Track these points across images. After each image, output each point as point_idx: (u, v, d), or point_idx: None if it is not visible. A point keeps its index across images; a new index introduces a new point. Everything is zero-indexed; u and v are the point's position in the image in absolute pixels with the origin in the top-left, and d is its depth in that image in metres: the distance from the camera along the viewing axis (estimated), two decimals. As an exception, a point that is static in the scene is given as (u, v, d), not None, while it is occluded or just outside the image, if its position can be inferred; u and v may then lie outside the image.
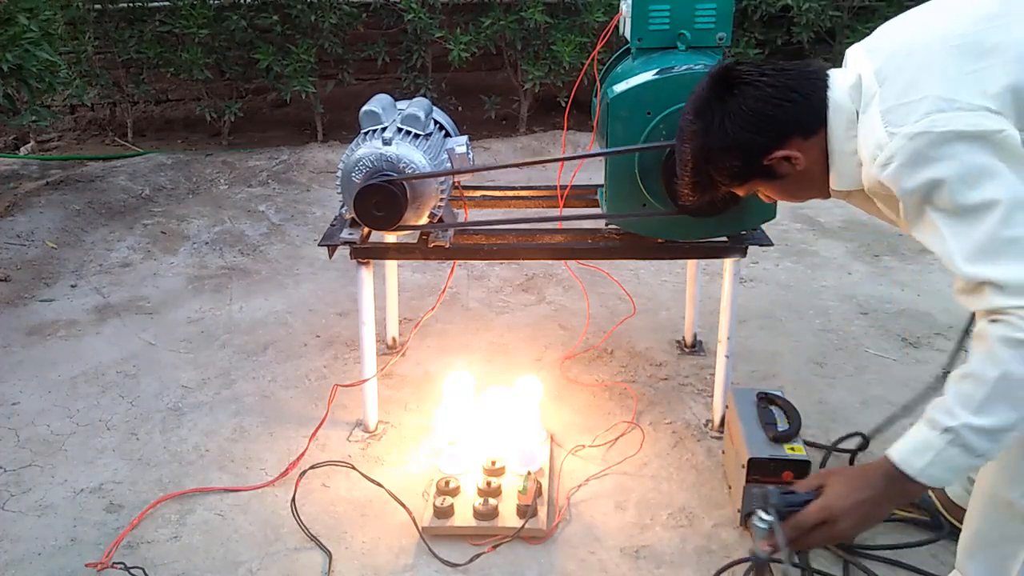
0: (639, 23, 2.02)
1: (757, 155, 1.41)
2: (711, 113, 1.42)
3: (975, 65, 1.22)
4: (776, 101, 1.37)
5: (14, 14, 3.12)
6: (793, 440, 1.82)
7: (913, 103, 1.23)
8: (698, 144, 1.46)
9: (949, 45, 1.26)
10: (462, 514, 1.89)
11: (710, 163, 1.48)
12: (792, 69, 1.39)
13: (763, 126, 1.39)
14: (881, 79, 1.30)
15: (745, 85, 1.39)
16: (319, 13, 4.22)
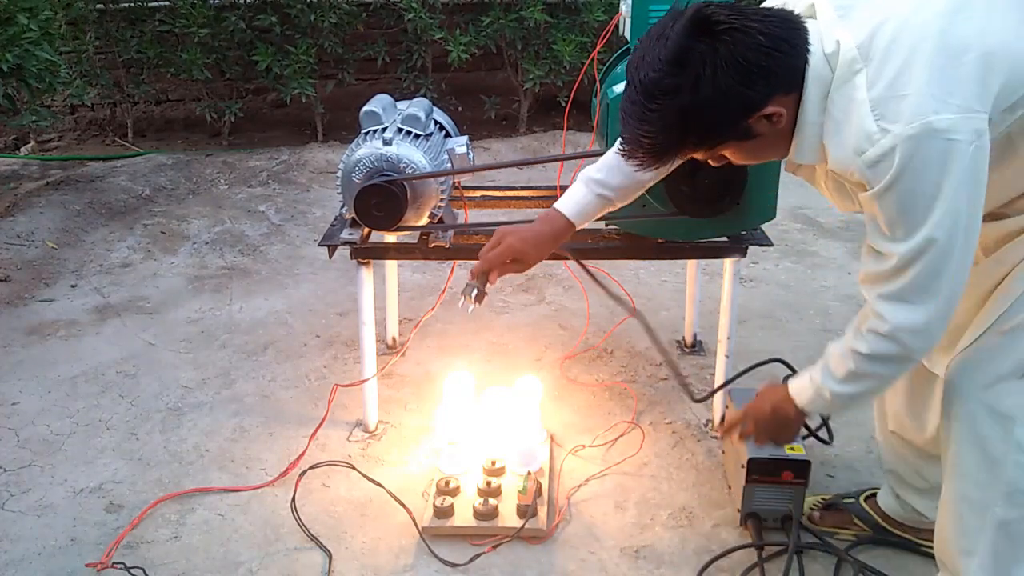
0: (639, 23, 2.02)
1: (747, 112, 1.23)
2: (696, 63, 1.18)
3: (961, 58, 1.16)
4: (767, 50, 1.19)
5: (14, 14, 3.12)
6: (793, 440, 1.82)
7: (906, 99, 1.15)
8: (681, 101, 1.20)
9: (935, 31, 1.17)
10: (462, 514, 1.89)
11: (689, 122, 1.23)
12: (775, 16, 1.22)
13: (757, 79, 1.20)
14: (865, 55, 1.18)
15: (734, 31, 1.18)
16: (318, 13, 4.22)
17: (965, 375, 1.38)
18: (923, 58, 1.15)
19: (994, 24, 1.18)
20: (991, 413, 1.33)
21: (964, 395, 1.37)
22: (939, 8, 1.19)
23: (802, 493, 1.81)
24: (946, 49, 1.16)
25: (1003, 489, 1.35)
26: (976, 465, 1.38)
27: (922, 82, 1.14)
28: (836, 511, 1.87)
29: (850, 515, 1.85)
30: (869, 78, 1.18)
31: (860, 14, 1.22)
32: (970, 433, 1.38)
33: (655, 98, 1.22)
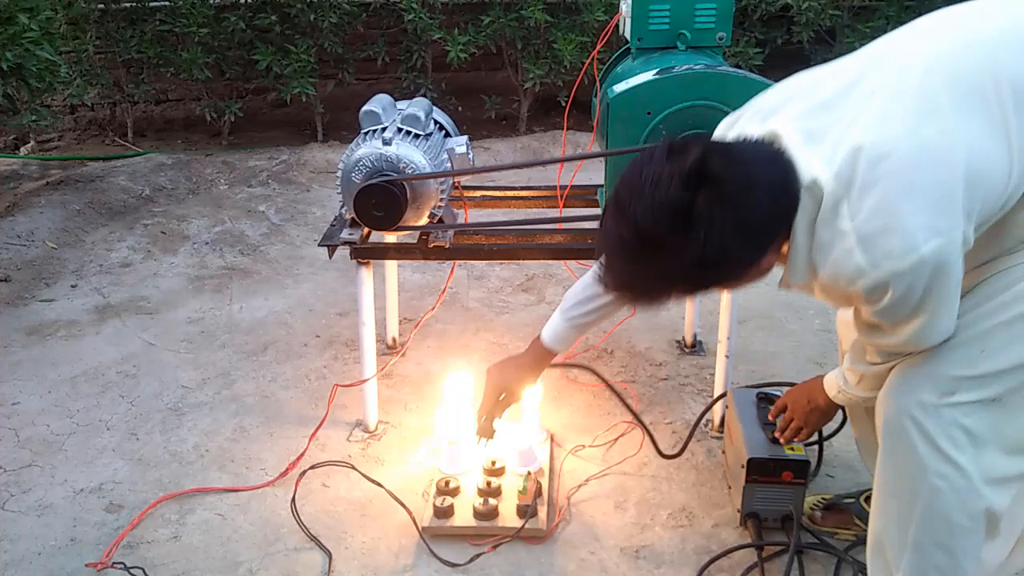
0: (639, 23, 2.03)
1: (752, 264, 1.21)
2: (703, 224, 1.11)
3: (940, 178, 1.16)
4: (771, 205, 1.17)
5: (14, 13, 3.12)
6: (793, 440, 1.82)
7: (893, 232, 1.14)
8: (684, 261, 1.15)
9: (910, 153, 1.16)
10: (462, 514, 1.89)
11: (690, 278, 1.20)
12: (770, 160, 1.19)
13: (764, 235, 1.18)
14: (844, 184, 1.17)
15: (738, 190, 1.13)
16: (318, 13, 4.22)
17: (894, 391, 1.37)
18: (903, 186, 1.15)
19: (965, 134, 1.17)
20: (917, 430, 1.32)
21: (890, 410, 1.36)
22: (908, 124, 1.17)
23: (802, 493, 1.81)
24: (924, 172, 1.15)
25: (920, 511, 1.35)
26: (898, 482, 1.38)
27: (906, 213, 1.14)
28: (836, 511, 1.87)
29: (850, 515, 1.85)
30: (851, 208, 1.16)
31: (829, 138, 1.20)
32: (895, 450, 1.37)
33: (655, 251, 1.16)
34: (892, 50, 1.30)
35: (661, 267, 1.18)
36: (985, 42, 1.24)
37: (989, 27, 1.27)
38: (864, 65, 1.28)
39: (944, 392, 1.30)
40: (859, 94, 1.23)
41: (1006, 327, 1.28)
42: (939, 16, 1.33)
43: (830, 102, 1.24)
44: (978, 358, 1.29)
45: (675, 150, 1.16)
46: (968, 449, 1.30)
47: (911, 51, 1.27)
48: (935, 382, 1.31)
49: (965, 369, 1.29)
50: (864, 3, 4.52)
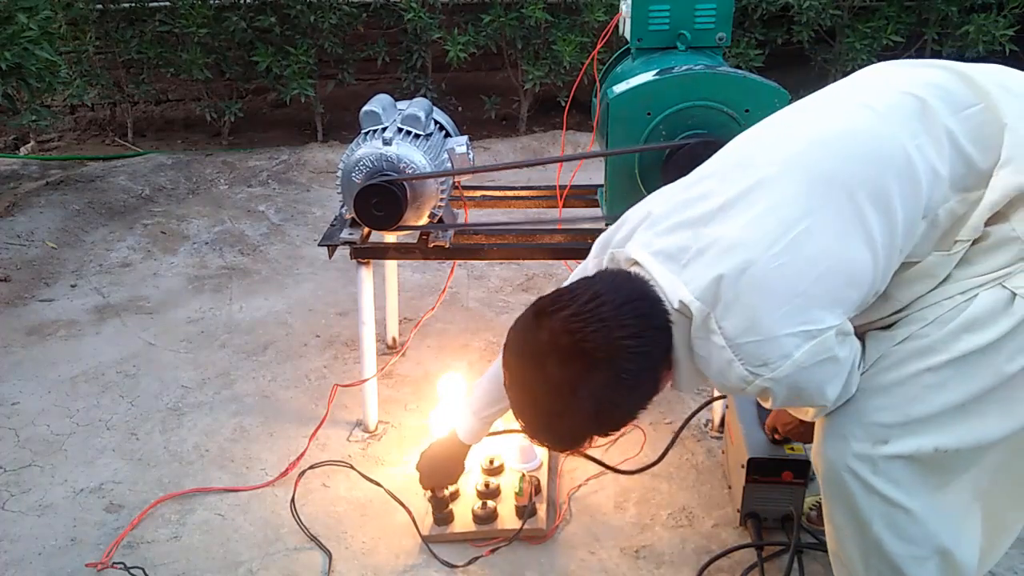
0: (639, 23, 2.03)
1: (647, 400, 1.27)
2: (583, 398, 1.20)
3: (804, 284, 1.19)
4: (645, 352, 1.21)
5: (14, 13, 3.12)
6: (793, 440, 1.82)
7: (765, 343, 1.18)
8: (587, 427, 1.26)
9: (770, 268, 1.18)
10: (462, 519, 1.89)
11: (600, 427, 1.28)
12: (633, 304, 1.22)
13: (646, 379, 1.25)
14: (710, 301, 1.20)
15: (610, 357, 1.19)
16: (318, 13, 4.22)
17: (826, 437, 1.35)
18: (765, 298, 1.18)
19: (823, 235, 1.19)
20: (855, 479, 1.31)
21: (827, 458, 1.35)
22: (764, 234, 1.19)
23: (802, 493, 1.81)
24: (783, 281, 1.18)
25: (874, 550, 1.34)
26: (849, 526, 1.37)
27: (773, 324, 1.18)
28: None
29: None
30: (720, 324, 1.20)
31: (688, 256, 1.24)
32: (838, 499, 1.36)
33: (557, 430, 1.28)
34: (743, 154, 1.33)
35: (569, 432, 1.27)
36: (819, 140, 1.26)
37: (833, 127, 1.28)
38: (717, 172, 1.32)
39: (877, 440, 1.29)
40: (712, 203, 1.26)
41: (934, 372, 1.26)
42: (787, 115, 1.36)
43: (684, 215, 1.28)
44: (907, 404, 1.27)
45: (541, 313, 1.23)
46: (913, 487, 1.29)
47: (763, 156, 1.29)
48: (866, 431, 1.29)
49: (893, 416, 1.28)
50: (864, 3, 4.52)
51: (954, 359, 1.24)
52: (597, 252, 1.47)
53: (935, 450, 1.26)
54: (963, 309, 1.24)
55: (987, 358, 1.23)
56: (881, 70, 1.38)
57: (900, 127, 1.23)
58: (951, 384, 1.25)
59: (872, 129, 1.25)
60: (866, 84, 1.36)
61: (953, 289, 1.27)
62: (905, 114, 1.25)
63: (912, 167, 1.21)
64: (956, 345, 1.24)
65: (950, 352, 1.24)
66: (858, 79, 1.38)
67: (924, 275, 1.28)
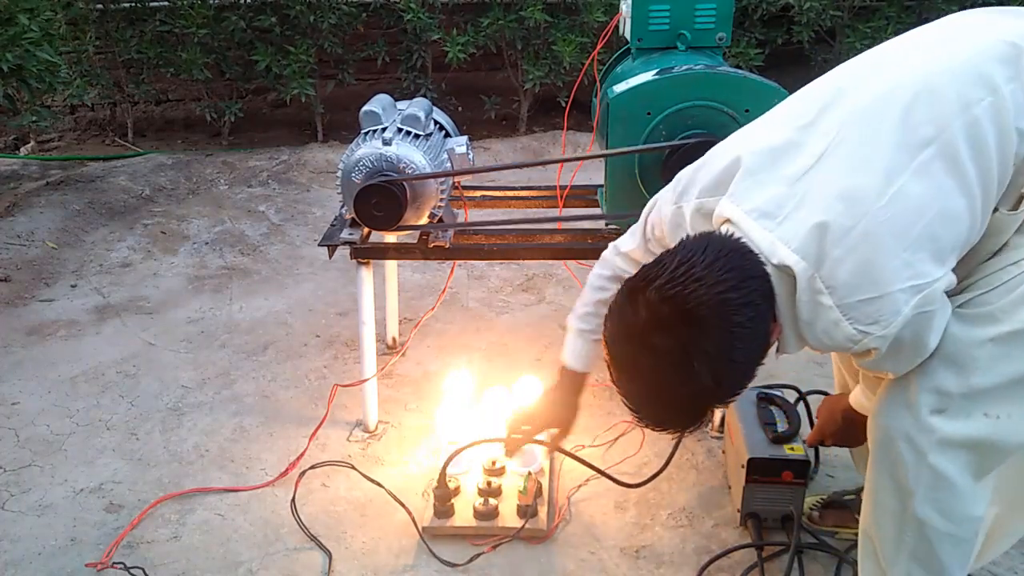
0: (639, 23, 2.03)
1: (759, 360, 1.23)
2: (704, 362, 1.15)
3: (909, 239, 1.17)
4: (749, 307, 1.16)
5: (14, 14, 3.12)
6: (793, 440, 1.82)
7: (876, 300, 1.16)
8: (707, 398, 1.23)
9: (877, 220, 1.16)
10: (462, 514, 1.89)
11: (717, 399, 1.26)
12: (728, 263, 1.17)
13: (754, 338, 1.19)
14: (813, 260, 1.17)
15: (713, 314, 1.14)
16: (318, 13, 4.22)
17: (887, 401, 1.36)
18: (873, 253, 1.16)
19: (923, 186, 1.18)
20: (908, 445, 1.31)
21: (884, 421, 1.35)
22: (865, 188, 1.17)
23: (802, 493, 1.81)
24: (891, 236, 1.16)
25: (912, 521, 1.34)
26: (891, 492, 1.37)
27: (884, 279, 1.16)
28: (836, 509, 1.87)
29: (851, 512, 1.85)
30: (826, 283, 1.17)
31: (785, 213, 1.21)
32: (885, 462, 1.37)
33: (680, 406, 1.23)
34: (835, 96, 1.29)
35: (691, 409, 1.24)
36: (909, 85, 1.23)
37: (928, 70, 1.26)
38: (807, 115, 1.28)
39: (936, 409, 1.28)
40: (808, 155, 1.23)
41: (996, 343, 1.26)
42: (877, 55, 1.34)
43: (779, 168, 1.24)
44: (969, 373, 1.27)
45: (633, 291, 1.19)
46: (961, 464, 1.29)
47: (853, 99, 1.26)
48: (928, 399, 1.29)
49: (956, 384, 1.27)
50: (865, 3, 4.52)
51: (1017, 330, 1.24)
52: (672, 199, 1.41)
53: (985, 415, 1.26)
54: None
55: None
56: (977, 16, 1.36)
57: (995, 72, 1.22)
58: (1014, 355, 1.25)
59: (967, 73, 1.23)
60: (962, 27, 1.34)
61: (1018, 255, 1.26)
62: (1000, 59, 1.23)
63: (1005, 112, 1.20)
64: (1020, 315, 1.23)
65: (1013, 323, 1.24)
66: (955, 21, 1.36)
67: (994, 231, 1.26)
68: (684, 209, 1.37)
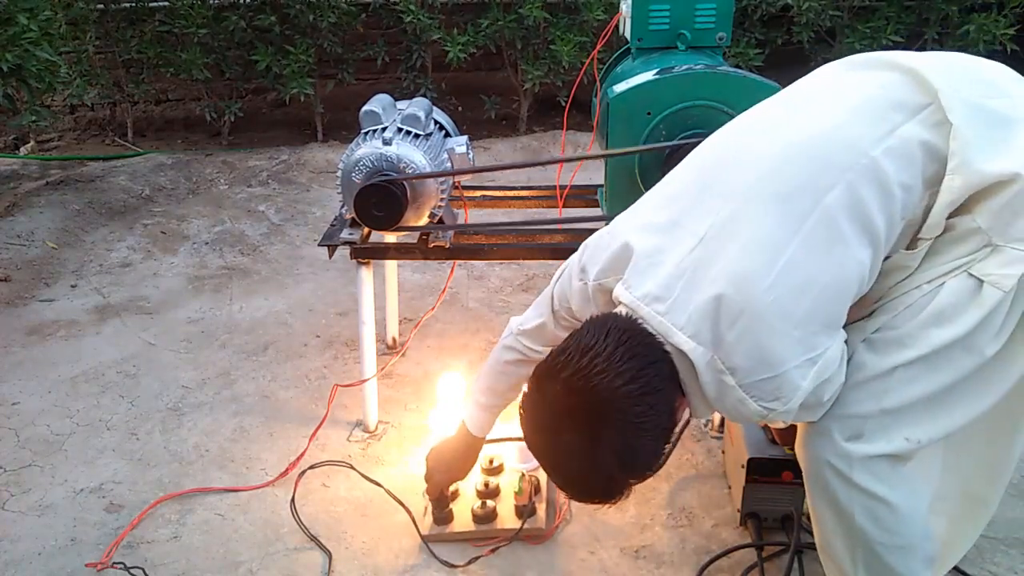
0: (639, 23, 2.03)
1: (667, 438, 1.26)
2: (607, 452, 1.21)
3: (798, 313, 1.20)
4: (647, 391, 1.20)
5: (14, 14, 3.12)
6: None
7: (774, 379, 1.20)
8: (618, 480, 1.26)
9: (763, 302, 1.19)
10: (461, 519, 1.89)
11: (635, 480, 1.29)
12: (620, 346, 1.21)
13: (657, 419, 1.23)
14: (708, 342, 1.21)
15: (611, 395, 1.19)
16: (317, 13, 4.22)
17: (806, 434, 1.37)
18: (768, 337, 1.19)
19: (809, 265, 1.21)
20: (834, 473, 1.33)
21: (808, 454, 1.37)
22: (753, 269, 1.20)
23: (802, 493, 1.81)
24: (783, 317, 1.19)
25: (860, 543, 1.36)
26: (833, 520, 1.39)
27: (777, 361, 1.19)
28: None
29: None
30: (726, 365, 1.21)
31: (678, 301, 1.23)
32: (820, 494, 1.38)
33: (595, 488, 1.28)
34: (712, 176, 1.32)
35: (602, 483, 1.26)
36: (785, 155, 1.26)
37: (798, 138, 1.28)
38: (687, 196, 1.32)
39: (853, 434, 1.30)
40: (692, 236, 1.26)
41: (905, 368, 1.28)
42: (748, 124, 1.37)
43: (665, 252, 1.27)
44: (882, 398, 1.29)
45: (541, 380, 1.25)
46: (891, 479, 1.31)
47: (731, 174, 1.29)
48: (843, 424, 1.31)
49: (869, 410, 1.30)
50: (864, 3, 4.52)
51: (924, 355, 1.26)
52: (573, 277, 1.46)
53: (906, 440, 1.29)
54: (932, 299, 1.26)
55: (955, 353, 1.25)
56: (836, 74, 1.38)
57: (866, 132, 1.24)
58: (922, 378, 1.27)
59: (839, 139, 1.25)
60: (825, 90, 1.36)
61: (921, 279, 1.28)
62: (867, 120, 1.26)
63: (882, 173, 1.22)
64: (926, 340, 1.26)
65: (920, 348, 1.26)
66: (815, 83, 1.38)
67: (894, 269, 1.30)
68: (588, 287, 1.42)
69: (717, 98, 1.90)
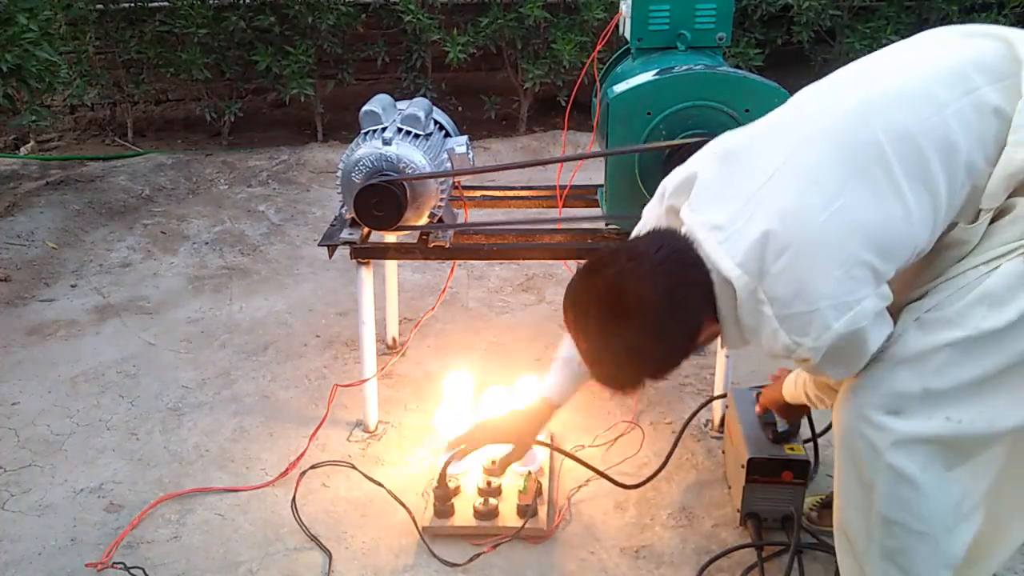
0: (639, 23, 2.03)
1: (677, 356, 1.35)
2: (618, 348, 1.31)
3: (842, 257, 1.22)
4: (674, 309, 1.28)
5: (14, 14, 3.12)
6: (793, 440, 1.82)
7: (807, 315, 1.23)
8: (627, 373, 1.36)
9: (811, 238, 1.23)
10: (462, 514, 1.89)
11: (658, 377, 1.38)
12: (669, 264, 1.29)
13: (675, 336, 1.32)
14: (754, 274, 1.25)
15: (639, 301, 1.27)
16: (317, 14, 4.22)
17: (846, 399, 1.37)
18: (806, 272, 1.23)
19: (859, 207, 1.23)
20: (865, 443, 1.33)
21: (843, 419, 1.37)
22: (804, 210, 1.24)
23: (802, 493, 1.81)
24: (823, 256, 1.23)
25: (878, 519, 1.35)
26: (856, 490, 1.38)
27: (815, 296, 1.23)
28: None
29: None
30: (767, 295, 1.25)
31: (732, 230, 1.28)
32: (847, 460, 1.38)
33: (609, 374, 1.39)
34: (791, 119, 1.37)
35: (608, 373, 1.38)
36: (858, 108, 1.29)
37: (876, 93, 1.30)
38: (767, 135, 1.37)
39: (892, 410, 1.30)
40: (763, 172, 1.30)
41: (953, 348, 1.27)
42: (836, 78, 1.40)
43: (735, 184, 1.32)
44: (926, 377, 1.28)
45: (589, 270, 1.35)
46: (923, 460, 1.30)
47: (795, 129, 1.34)
48: (884, 399, 1.31)
49: (912, 387, 1.29)
50: (864, 3, 4.52)
51: (971, 337, 1.25)
52: (658, 196, 1.52)
53: (947, 419, 1.28)
54: (984, 280, 1.25)
55: (1006, 339, 1.24)
56: (935, 37, 1.39)
57: (943, 92, 1.26)
58: (969, 361, 1.26)
59: (914, 96, 1.27)
60: (916, 50, 1.37)
61: (978, 259, 1.28)
62: (948, 81, 1.27)
63: (951, 132, 1.23)
64: (975, 321, 1.25)
65: (967, 329, 1.25)
66: (911, 44, 1.39)
67: (953, 244, 1.30)
68: (662, 208, 1.49)
69: (717, 98, 1.90)
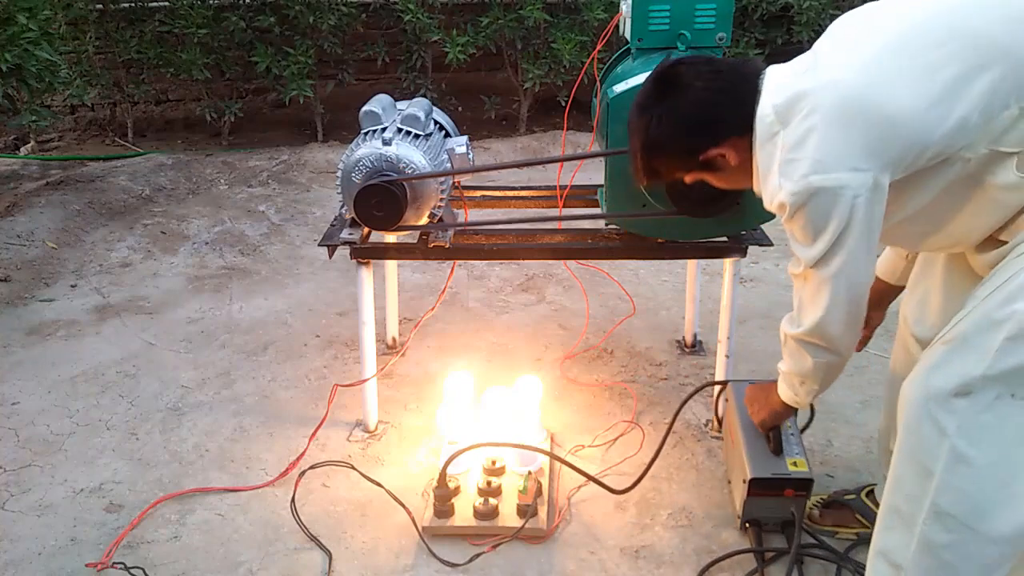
0: (639, 23, 2.02)
1: (693, 153, 1.48)
2: (650, 112, 1.49)
3: (852, 123, 1.30)
4: (708, 105, 1.44)
5: (14, 13, 3.12)
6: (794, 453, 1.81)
7: (797, 161, 1.33)
8: (640, 140, 1.52)
9: (838, 99, 1.31)
10: (462, 513, 1.89)
11: (652, 156, 1.54)
12: (727, 70, 1.45)
13: (696, 128, 1.46)
14: (782, 119, 1.36)
15: (683, 87, 1.45)
16: (317, 14, 4.22)
17: (913, 383, 1.37)
18: (819, 125, 1.31)
19: (896, 93, 1.29)
20: (932, 425, 1.32)
21: (909, 403, 1.36)
22: (850, 79, 1.32)
23: (803, 503, 1.79)
24: (841, 116, 1.31)
25: (930, 507, 1.34)
26: (911, 477, 1.37)
27: (812, 147, 1.32)
28: (836, 508, 1.87)
29: (851, 512, 1.85)
30: (784, 141, 1.36)
31: (788, 84, 1.38)
32: (909, 442, 1.37)
33: (630, 134, 1.56)
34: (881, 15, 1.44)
35: (635, 147, 1.54)
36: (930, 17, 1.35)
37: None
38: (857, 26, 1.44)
39: (959, 391, 1.29)
40: (832, 43, 1.40)
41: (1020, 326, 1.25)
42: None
43: (819, 56, 1.40)
44: (993, 356, 1.27)
45: (678, 61, 1.49)
46: (983, 445, 1.29)
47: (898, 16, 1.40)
48: (952, 379, 1.30)
49: (982, 367, 1.28)
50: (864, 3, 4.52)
51: None
52: None
53: (1012, 396, 1.27)
54: None
55: None
56: None
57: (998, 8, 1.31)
58: None
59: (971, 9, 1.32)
60: None
61: None
62: None
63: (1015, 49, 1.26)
64: None
65: None
66: None
67: (1010, 188, 1.30)
68: None
69: (717, 98, 1.89)
